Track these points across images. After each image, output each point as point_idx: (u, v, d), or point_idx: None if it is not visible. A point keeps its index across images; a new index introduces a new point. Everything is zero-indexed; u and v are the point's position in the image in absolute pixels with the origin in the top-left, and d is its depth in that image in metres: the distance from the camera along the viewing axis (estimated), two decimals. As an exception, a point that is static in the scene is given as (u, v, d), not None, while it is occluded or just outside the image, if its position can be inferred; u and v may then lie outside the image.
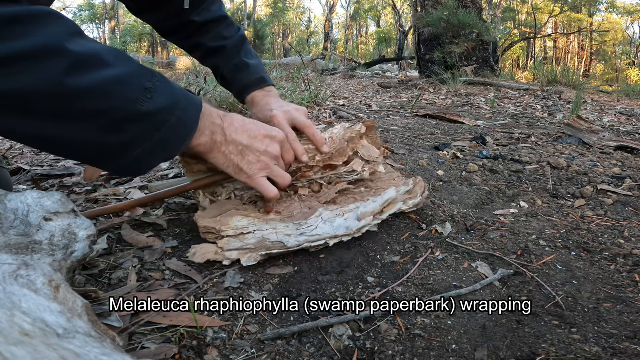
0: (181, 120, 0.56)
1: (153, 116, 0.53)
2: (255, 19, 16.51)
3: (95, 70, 0.48)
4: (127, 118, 0.51)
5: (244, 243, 0.67)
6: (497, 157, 1.37)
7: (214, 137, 0.64)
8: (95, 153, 0.52)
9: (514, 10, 20.46)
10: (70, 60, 0.46)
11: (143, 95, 0.51)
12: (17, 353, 0.25)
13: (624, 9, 24.71)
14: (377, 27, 30.34)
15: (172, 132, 0.56)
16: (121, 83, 0.50)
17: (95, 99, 0.48)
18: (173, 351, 0.47)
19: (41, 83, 0.44)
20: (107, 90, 0.48)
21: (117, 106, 0.50)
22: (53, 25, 0.46)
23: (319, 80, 3.21)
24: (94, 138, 0.50)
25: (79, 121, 0.48)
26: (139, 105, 0.51)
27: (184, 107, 0.57)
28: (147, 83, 0.52)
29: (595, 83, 7.32)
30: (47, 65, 0.44)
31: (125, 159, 0.54)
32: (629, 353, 0.49)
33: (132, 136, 0.52)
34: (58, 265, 0.45)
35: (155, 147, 0.55)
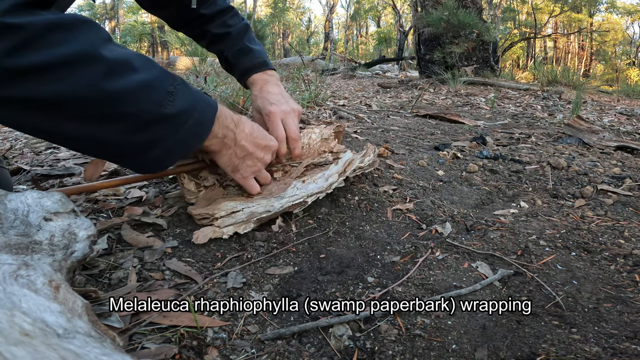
0: (198, 121, 0.61)
1: (175, 118, 0.57)
2: (255, 19, 16.50)
3: (126, 75, 0.51)
4: (153, 120, 0.55)
5: (236, 219, 0.74)
6: (497, 157, 1.37)
7: (225, 140, 0.69)
8: (122, 151, 0.57)
9: (514, 10, 20.45)
10: (106, 66, 0.49)
11: (166, 99, 0.56)
12: (17, 353, 0.25)
13: (624, 9, 24.70)
14: (377, 27, 30.34)
15: (190, 132, 0.60)
16: (148, 87, 0.54)
17: (127, 103, 0.52)
18: (173, 351, 0.47)
19: (80, 88, 0.48)
20: (137, 94, 0.53)
21: (145, 109, 0.54)
22: (88, 33, 0.49)
23: (319, 80, 3.21)
24: (122, 138, 0.54)
25: (111, 123, 0.52)
26: (163, 108, 0.55)
27: (201, 109, 0.61)
28: (169, 87, 0.56)
29: (595, 83, 7.32)
30: (85, 71, 0.48)
31: (149, 157, 0.58)
32: (629, 353, 0.49)
33: (156, 136, 0.57)
34: (58, 265, 0.45)
35: (175, 146, 0.60)
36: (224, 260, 0.67)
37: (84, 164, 1.20)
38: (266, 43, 15.31)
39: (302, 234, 0.76)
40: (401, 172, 1.13)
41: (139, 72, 0.53)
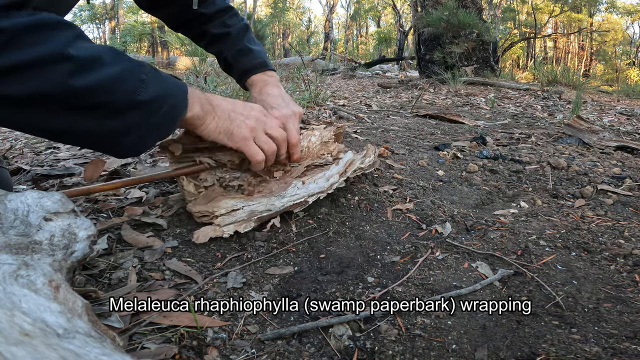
0: (172, 105, 0.64)
1: (149, 103, 0.60)
2: (255, 19, 16.50)
3: (96, 70, 0.55)
4: (128, 106, 0.58)
5: (236, 217, 0.74)
6: (497, 157, 1.37)
7: (203, 107, 0.70)
8: (101, 138, 0.60)
9: (514, 10, 20.44)
10: (73, 64, 0.52)
11: (140, 86, 0.59)
12: (17, 353, 0.25)
13: (624, 9, 24.69)
14: (377, 27, 30.33)
15: (165, 116, 0.63)
16: (120, 79, 0.57)
17: (98, 95, 0.55)
18: (173, 351, 0.47)
19: (50, 86, 0.51)
20: (110, 86, 0.56)
21: (119, 98, 0.57)
22: (57, 33, 0.53)
23: (319, 80, 3.21)
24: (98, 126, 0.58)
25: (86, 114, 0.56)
26: (137, 95, 0.59)
27: (174, 93, 0.65)
28: (141, 75, 0.60)
29: (595, 83, 7.31)
30: (53, 71, 0.51)
31: (127, 141, 0.61)
32: (629, 353, 0.49)
33: (131, 121, 0.60)
34: (58, 265, 0.45)
35: (154, 125, 0.63)
36: (224, 260, 0.67)
37: (84, 164, 1.20)
38: (266, 43, 15.30)
39: (302, 234, 0.76)
40: (401, 172, 1.13)
41: (110, 66, 0.56)
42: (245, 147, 0.75)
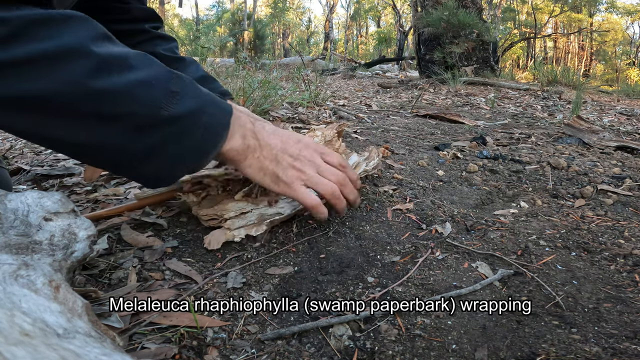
0: (209, 125, 0.54)
1: (179, 120, 0.51)
2: (255, 19, 16.51)
3: (119, 73, 0.47)
4: (152, 122, 0.49)
5: (247, 220, 0.71)
6: (497, 157, 1.37)
7: (246, 140, 0.59)
8: (119, 157, 0.51)
9: (514, 10, 20.44)
10: (93, 62, 0.45)
11: (168, 99, 0.50)
12: (17, 353, 0.25)
13: (624, 9, 24.68)
14: (377, 27, 30.32)
15: (200, 137, 0.53)
16: (146, 86, 0.49)
17: (119, 102, 0.47)
18: (173, 351, 0.47)
19: (63, 84, 0.44)
20: (131, 93, 0.48)
21: (142, 110, 0.49)
22: (78, 28, 0.46)
23: (319, 80, 3.21)
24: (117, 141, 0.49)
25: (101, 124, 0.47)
26: (164, 110, 0.50)
27: (212, 112, 0.54)
28: (173, 87, 0.51)
29: (595, 83, 7.31)
30: (69, 67, 0.44)
31: (151, 165, 0.52)
32: (629, 353, 0.49)
33: (157, 141, 0.50)
34: (58, 265, 0.45)
35: (183, 153, 0.53)
36: (224, 260, 0.67)
37: (83, 164, 1.20)
38: (266, 43, 15.32)
39: (302, 234, 0.76)
40: (401, 172, 1.13)
41: (136, 70, 0.49)
42: (294, 194, 0.63)
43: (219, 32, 18.18)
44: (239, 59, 2.78)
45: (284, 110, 2.02)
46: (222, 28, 20.51)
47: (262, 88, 1.95)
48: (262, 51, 14.10)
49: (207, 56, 4.81)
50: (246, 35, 14.98)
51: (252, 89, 1.92)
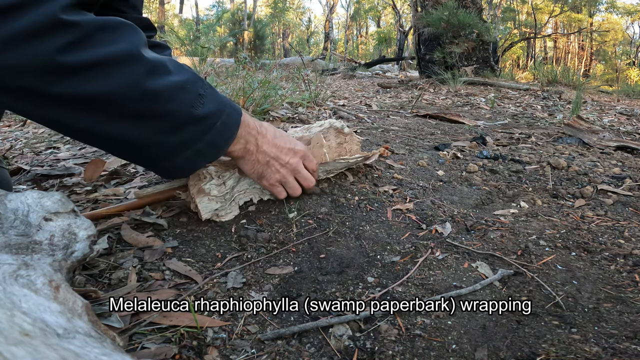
0: (225, 124, 0.63)
1: (205, 120, 0.59)
2: (255, 19, 16.51)
3: (164, 76, 0.54)
4: (185, 120, 0.57)
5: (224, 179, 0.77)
6: (497, 157, 1.37)
7: (247, 145, 0.70)
8: (154, 152, 0.59)
9: (514, 10, 20.44)
10: (147, 66, 0.52)
11: (198, 101, 0.58)
12: (17, 353, 0.25)
13: (624, 9, 24.68)
14: (377, 27, 30.32)
15: (218, 134, 0.62)
16: (183, 89, 0.56)
17: (163, 102, 0.54)
18: (173, 351, 0.47)
19: (125, 85, 0.50)
20: (174, 94, 0.55)
21: (179, 109, 0.56)
22: (130, 34, 0.52)
23: (319, 80, 3.21)
24: (155, 138, 0.56)
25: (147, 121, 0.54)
26: (195, 110, 0.57)
27: (228, 113, 0.63)
28: (200, 90, 0.59)
29: (595, 83, 7.31)
30: (130, 70, 0.50)
31: (180, 159, 0.61)
32: (629, 353, 0.49)
33: (187, 137, 0.59)
34: (58, 265, 0.45)
35: (204, 148, 0.62)
36: (224, 260, 0.67)
37: (83, 164, 1.20)
38: (266, 43, 15.33)
39: (302, 234, 0.76)
40: (401, 172, 1.13)
41: (174, 74, 0.55)
42: (270, 189, 0.79)
43: (219, 32, 18.18)
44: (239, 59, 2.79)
45: (284, 110, 2.02)
46: (222, 28, 20.51)
47: (262, 88, 1.95)
48: (262, 51, 14.10)
49: (207, 56, 4.80)
50: (246, 35, 14.99)
51: (252, 89, 1.92)
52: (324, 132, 0.94)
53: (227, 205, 0.78)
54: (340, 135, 0.96)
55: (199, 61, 4.62)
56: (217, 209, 0.76)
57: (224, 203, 0.77)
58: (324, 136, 0.93)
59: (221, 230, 0.76)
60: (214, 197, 0.75)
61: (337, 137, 0.96)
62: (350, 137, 0.98)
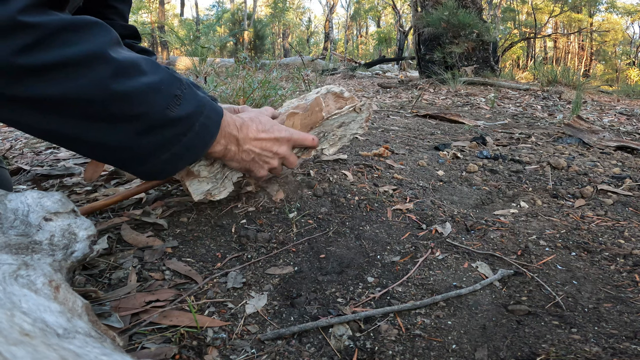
0: (204, 126, 0.61)
1: (181, 121, 0.57)
2: (255, 19, 16.51)
3: (134, 77, 0.52)
4: (159, 123, 0.55)
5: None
6: (497, 157, 1.37)
7: (228, 146, 0.69)
8: (127, 155, 0.56)
9: (514, 10, 20.44)
10: (114, 67, 0.50)
11: (173, 102, 0.56)
12: (17, 353, 0.25)
13: (624, 9, 24.69)
14: (377, 27, 30.33)
15: (196, 137, 0.60)
16: (155, 90, 0.54)
17: (134, 104, 0.52)
18: (173, 351, 0.47)
19: (89, 87, 0.48)
20: (144, 96, 0.53)
21: (152, 111, 0.54)
22: (98, 34, 0.50)
23: (319, 80, 3.21)
24: (128, 141, 0.54)
25: (118, 124, 0.52)
26: (169, 111, 0.55)
27: (207, 114, 0.61)
28: (177, 90, 0.57)
29: (595, 83, 7.31)
30: (93, 71, 0.48)
31: (155, 161, 0.58)
32: (629, 353, 0.49)
33: (161, 140, 0.57)
34: (58, 265, 0.45)
35: (182, 150, 0.60)
36: (224, 260, 0.67)
37: (83, 164, 1.20)
38: (266, 43, 15.32)
39: (302, 234, 0.76)
40: (401, 172, 1.13)
41: (147, 75, 0.54)
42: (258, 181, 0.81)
43: (219, 32, 18.18)
44: (239, 59, 2.78)
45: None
46: (222, 28, 20.51)
47: (262, 88, 1.95)
48: (262, 51, 14.10)
49: (207, 56, 4.81)
50: (246, 35, 14.99)
51: (252, 89, 1.92)
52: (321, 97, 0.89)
53: (219, 185, 0.77)
54: (339, 99, 0.91)
55: (199, 61, 4.62)
56: (209, 190, 0.75)
57: (215, 183, 0.76)
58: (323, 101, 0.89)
59: (221, 230, 0.76)
60: (205, 177, 0.73)
61: (336, 102, 0.91)
62: (351, 100, 0.92)
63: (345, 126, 0.93)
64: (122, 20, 0.94)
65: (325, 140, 0.91)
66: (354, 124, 0.94)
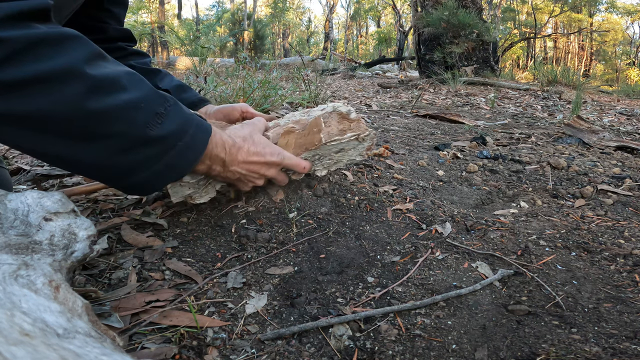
0: (188, 146, 0.59)
1: (162, 141, 0.55)
2: (255, 19, 16.51)
3: (111, 94, 0.50)
4: (138, 141, 0.53)
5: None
6: (497, 157, 1.37)
7: (213, 166, 0.67)
8: (106, 173, 0.55)
9: (514, 10, 20.45)
10: (87, 84, 0.47)
11: (154, 120, 0.54)
12: (17, 353, 0.25)
13: (624, 9, 24.69)
14: (377, 27, 30.33)
15: (179, 156, 0.58)
16: (135, 108, 0.52)
17: (110, 122, 0.50)
18: (173, 351, 0.47)
19: (60, 105, 0.46)
20: (122, 114, 0.51)
21: (129, 130, 0.52)
22: (73, 48, 0.48)
23: (319, 80, 3.21)
24: (104, 159, 0.53)
25: (95, 142, 0.51)
26: (149, 130, 0.53)
27: (192, 133, 0.59)
28: (159, 108, 0.55)
29: (595, 83, 7.31)
30: (66, 88, 0.46)
31: (134, 179, 0.57)
32: (629, 353, 0.49)
33: (140, 159, 0.55)
34: (58, 265, 0.45)
35: (164, 169, 0.58)
36: (224, 260, 0.67)
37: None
38: (266, 43, 15.33)
39: (302, 234, 0.76)
40: (401, 172, 1.13)
41: (127, 91, 0.52)
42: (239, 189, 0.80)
43: (219, 32, 18.18)
44: (239, 59, 2.78)
45: (284, 110, 2.02)
46: (222, 28, 20.51)
47: (262, 88, 1.95)
48: (262, 51, 14.10)
49: (207, 56, 4.81)
50: (246, 35, 14.99)
51: (252, 89, 1.92)
52: (325, 116, 0.84)
53: (200, 190, 0.75)
54: (344, 121, 0.85)
55: (199, 61, 4.62)
56: (189, 194, 0.74)
57: (197, 188, 0.74)
58: (325, 121, 0.84)
59: (221, 230, 0.76)
60: (187, 183, 0.72)
61: (340, 124, 0.85)
62: (356, 124, 0.86)
63: (344, 152, 0.88)
64: (117, 23, 0.93)
65: (320, 163, 0.87)
66: (354, 151, 0.89)
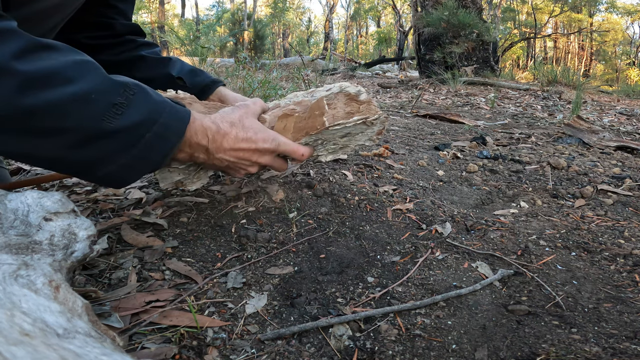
0: (159, 136, 0.55)
1: (123, 132, 0.52)
2: (255, 19, 16.51)
3: (51, 88, 0.47)
4: (94, 135, 0.50)
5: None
6: (497, 157, 1.37)
7: (195, 154, 0.64)
8: (72, 167, 0.54)
9: (514, 10, 20.45)
10: (17, 80, 0.45)
11: (110, 112, 0.50)
12: (17, 353, 0.25)
13: (624, 9, 24.69)
14: (377, 27, 30.33)
15: (149, 147, 0.55)
16: (84, 100, 0.48)
17: (52, 118, 0.47)
18: (173, 351, 0.47)
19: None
20: (68, 108, 0.47)
21: (82, 124, 0.49)
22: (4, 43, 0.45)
23: (319, 80, 3.21)
24: (64, 154, 0.50)
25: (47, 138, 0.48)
26: (107, 122, 0.50)
27: (164, 122, 0.55)
28: (116, 98, 0.51)
29: (595, 83, 7.31)
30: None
31: (102, 172, 0.54)
32: (629, 353, 0.49)
33: (103, 152, 0.52)
34: (58, 265, 0.45)
35: (134, 162, 0.55)
36: (224, 260, 0.67)
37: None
38: (266, 43, 15.33)
39: (302, 234, 0.76)
40: (401, 172, 1.13)
41: (73, 84, 0.48)
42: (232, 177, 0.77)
43: (219, 32, 18.18)
44: (239, 59, 2.78)
45: (284, 110, 2.02)
46: (222, 28, 20.52)
47: (262, 88, 1.96)
48: (262, 51, 14.10)
49: (207, 56, 4.81)
50: (246, 35, 14.99)
51: (252, 89, 1.92)
52: (329, 97, 0.78)
53: (191, 176, 0.73)
54: (352, 102, 0.78)
55: (199, 61, 4.62)
56: (179, 179, 0.72)
57: (187, 174, 0.72)
58: (330, 103, 0.77)
59: (221, 230, 0.76)
60: (175, 168, 0.70)
61: (347, 105, 0.78)
62: (366, 106, 0.78)
63: (351, 137, 0.81)
64: (124, 19, 0.92)
65: (323, 147, 0.81)
66: (362, 136, 0.81)
